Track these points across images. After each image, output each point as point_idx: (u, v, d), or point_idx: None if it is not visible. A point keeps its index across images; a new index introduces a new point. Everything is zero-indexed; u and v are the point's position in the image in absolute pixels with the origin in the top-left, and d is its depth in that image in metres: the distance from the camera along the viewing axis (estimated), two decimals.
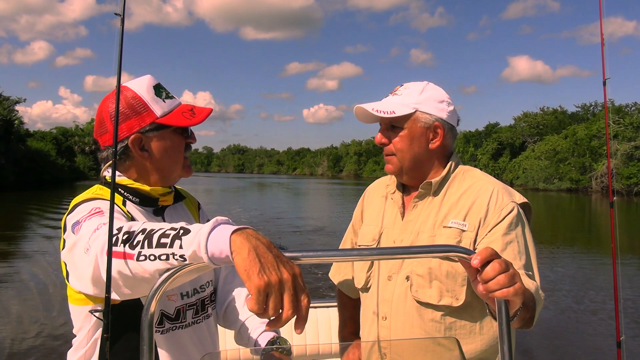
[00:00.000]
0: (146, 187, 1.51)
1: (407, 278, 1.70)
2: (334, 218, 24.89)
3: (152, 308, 0.94)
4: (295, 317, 0.91)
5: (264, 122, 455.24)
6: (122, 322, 1.37)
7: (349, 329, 2.09)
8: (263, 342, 1.60)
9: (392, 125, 1.74)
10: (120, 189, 1.50)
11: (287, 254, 0.95)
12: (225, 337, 2.56)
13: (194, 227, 1.02)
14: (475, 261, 1.03)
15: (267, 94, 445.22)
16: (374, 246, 1.83)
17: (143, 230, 1.08)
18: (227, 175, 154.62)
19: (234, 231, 0.96)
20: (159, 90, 1.51)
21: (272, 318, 0.90)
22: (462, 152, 75.59)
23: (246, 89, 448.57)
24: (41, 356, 5.94)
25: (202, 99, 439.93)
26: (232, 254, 0.93)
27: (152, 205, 1.54)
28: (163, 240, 1.02)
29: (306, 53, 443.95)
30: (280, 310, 0.90)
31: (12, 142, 48.62)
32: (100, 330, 1.42)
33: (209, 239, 0.96)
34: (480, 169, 1.82)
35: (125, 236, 1.09)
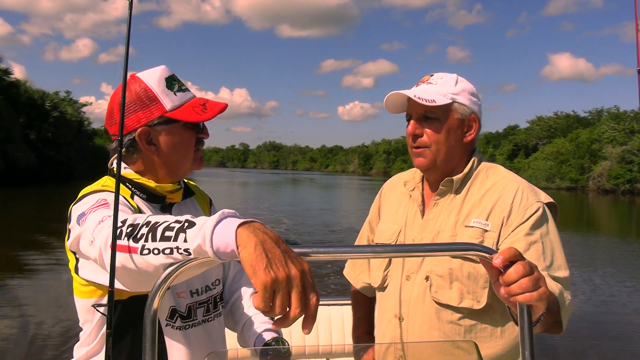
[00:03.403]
0: (152, 184, 1.43)
1: (427, 278, 1.59)
2: (356, 206, 26.69)
3: (155, 304, 0.90)
4: (304, 315, 0.84)
5: (299, 119, 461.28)
6: (129, 317, 1.31)
7: (363, 329, 1.99)
8: (261, 342, 1.53)
9: (426, 116, 1.60)
10: (127, 183, 1.43)
11: (296, 250, 0.88)
12: (235, 336, 2.49)
13: (200, 220, 0.95)
14: (497, 260, 0.95)
15: (302, 91, 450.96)
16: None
17: (147, 223, 1.02)
18: (263, 171, 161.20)
19: (241, 224, 0.89)
20: (171, 82, 1.42)
21: (279, 317, 0.84)
22: (483, 152, 79.86)
23: (282, 86, 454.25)
24: (59, 345, 5.76)
25: (238, 96, 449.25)
26: (238, 248, 0.87)
27: (159, 202, 1.46)
28: (167, 233, 0.96)
29: (342, 50, 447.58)
30: (288, 309, 0.83)
31: (82, 139, 52.92)
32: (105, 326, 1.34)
33: (215, 233, 0.90)
34: None
35: (130, 229, 1.03)
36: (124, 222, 1.05)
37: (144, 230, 1.01)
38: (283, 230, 16.00)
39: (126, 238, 1.03)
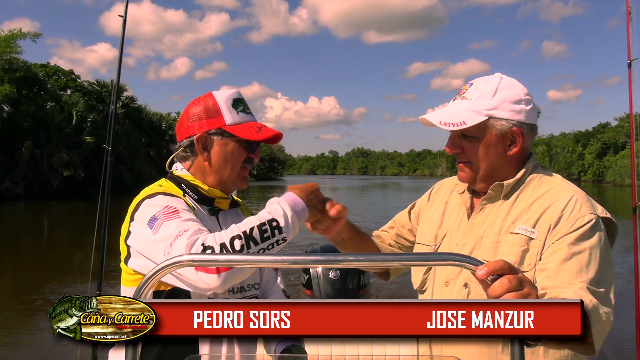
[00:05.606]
0: (205, 186, 1.56)
1: (466, 285, 1.47)
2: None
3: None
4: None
5: (388, 124, 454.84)
6: None
7: None
8: (281, 348, 1.59)
9: (463, 134, 1.51)
10: (182, 184, 1.56)
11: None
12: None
13: (275, 214, 1.35)
14: (481, 272, 0.89)
15: (390, 95, 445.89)
16: (434, 246, 1.62)
17: (238, 237, 1.27)
18: (351, 177, 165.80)
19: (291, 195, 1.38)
20: (237, 103, 1.58)
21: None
22: (572, 151, 73.87)
23: (370, 92, 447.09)
24: None
25: (327, 104, 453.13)
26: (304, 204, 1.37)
27: (208, 205, 1.58)
28: (265, 234, 1.29)
29: (430, 53, 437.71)
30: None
31: None
32: None
33: (294, 210, 1.35)
34: (586, 168, 1.73)
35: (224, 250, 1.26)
36: (211, 248, 1.27)
37: (240, 241, 1.27)
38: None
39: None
